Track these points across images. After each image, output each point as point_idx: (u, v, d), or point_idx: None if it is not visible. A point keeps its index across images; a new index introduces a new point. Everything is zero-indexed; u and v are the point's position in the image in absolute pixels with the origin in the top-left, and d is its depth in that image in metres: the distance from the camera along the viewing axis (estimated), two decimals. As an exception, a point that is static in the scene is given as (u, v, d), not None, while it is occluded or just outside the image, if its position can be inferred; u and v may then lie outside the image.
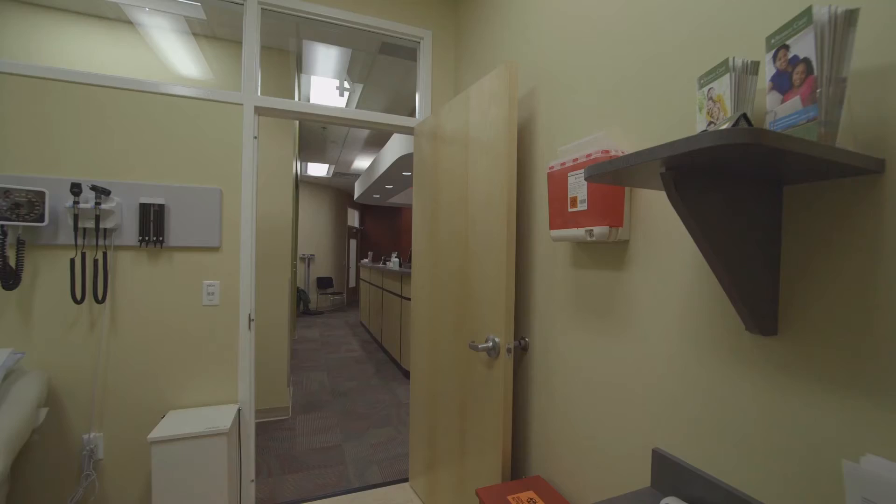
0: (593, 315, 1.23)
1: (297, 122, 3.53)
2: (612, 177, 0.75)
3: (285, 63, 3.15)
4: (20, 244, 1.67)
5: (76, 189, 1.68)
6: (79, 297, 1.77)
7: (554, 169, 1.25)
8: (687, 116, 0.95)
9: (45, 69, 1.75)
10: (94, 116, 1.81)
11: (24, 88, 1.73)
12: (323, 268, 9.56)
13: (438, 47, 2.39)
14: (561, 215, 1.23)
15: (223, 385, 1.99)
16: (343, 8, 2.18)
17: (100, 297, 1.79)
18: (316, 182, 9.38)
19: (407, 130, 2.34)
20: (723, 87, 0.74)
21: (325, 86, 3.93)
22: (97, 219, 1.75)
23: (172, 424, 1.73)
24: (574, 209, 1.17)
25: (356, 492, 2.25)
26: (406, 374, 4.35)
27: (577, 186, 1.15)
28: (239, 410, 1.96)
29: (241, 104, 2.00)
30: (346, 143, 6.43)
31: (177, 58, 2.73)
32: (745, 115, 0.62)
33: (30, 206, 1.62)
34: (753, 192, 0.72)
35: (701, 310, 0.91)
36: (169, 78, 2.67)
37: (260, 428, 3.06)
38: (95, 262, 1.79)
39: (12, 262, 1.67)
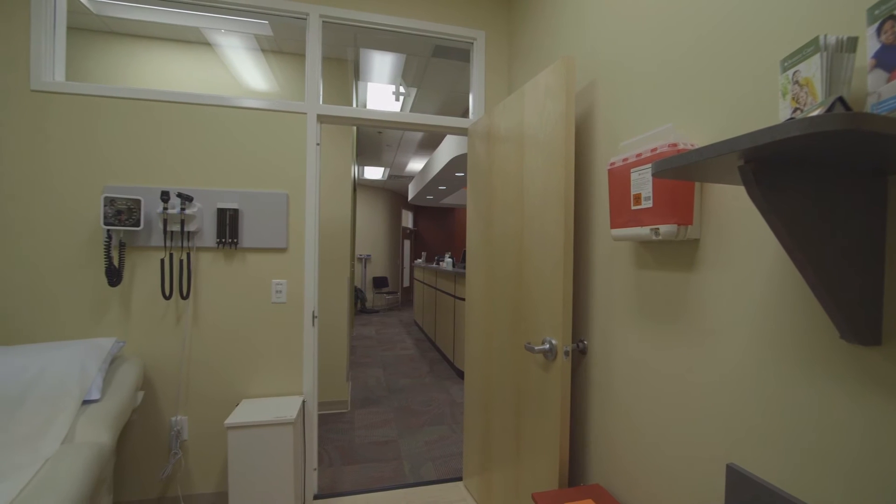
0: (659, 319, 1.16)
1: (354, 127, 3.68)
2: (682, 172, 0.70)
3: (343, 72, 3.29)
4: (121, 246, 1.89)
5: (165, 196, 1.87)
6: (167, 293, 1.97)
7: (615, 165, 1.20)
8: (764, 104, 0.87)
9: (137, 91, 1.96)
10: (178, 130, 2.01)
11: (122, 110, 1.95)
12: (378, 268, 9.87)
13: (492, 47, 2.38)
14: (623, 213, 1.18)
15: (289, 378, 2.12)
16: (398, 15, 2.24)
17: (184, 293, 1.98)
18: (371, 185, 9.71)
19: (460, 131, 2.35)
20: (812, 68, 0.67)
21: (381, 91, 4.06)
22: (182, 223, 1.94)
23: (245, 412, 1.87)
24: (637, 207, 1.11)
25: (411, 487, 2.30)
26: (459, 374, 4.38)
27: (641, 183, 1.09)
28: (303, 402, 2.08)
29: (305, 113, 2.13)
30: (400, 146, 6.59)
31: (248, 73, 2.96)
32: (841, 99, 0.56)
33: (129, 212, 1.82)
34: (849, 183, 0.64)
35: (785, 315, 0.83)
36: (241, 92, 2.90)
37: (321, 419, 3.22)
38: (181, 262, 1.98)
39: (116, 262, 1.89)
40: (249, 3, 2.07)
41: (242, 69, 2.94)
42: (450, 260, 5.72)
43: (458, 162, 5.45)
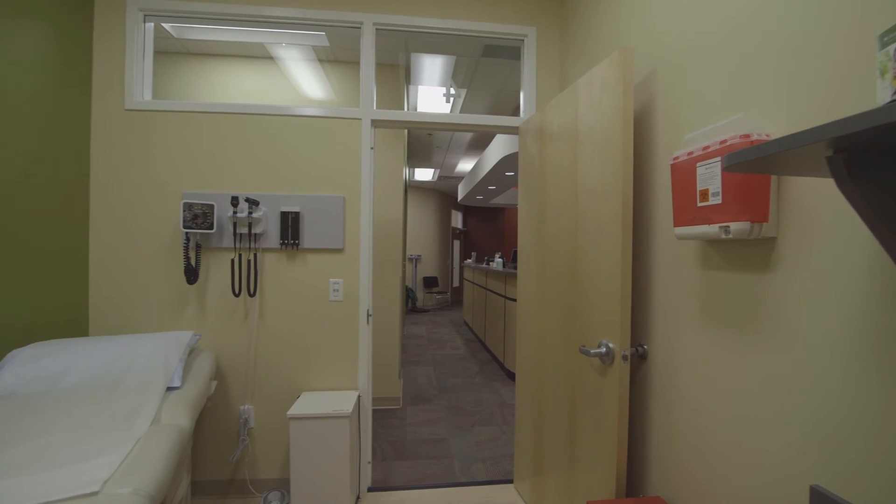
0: (729, 324, 1.08)
1: (405, 130, 3.76)
2: (759, 165, 0.65)
3: (395, 76, 3.38)
4: (198, 247, 2.07)
5: (235, 201, 2.02)
6: (237, 291, 2.13)
7: (679, 160, 1.13)
8: (856, 86, 0.78)
9: (209, 105, 2.14)
10: (245, 139, 2.16)
11: (197, 122, 2.14)
12: (429, 268, 10.01)
13: (543, 43, 2.34)
14: (688, 211, 1.11)
15: (345, 373, 2.21)
16: (448, 17, 2.26)
17: (252, 291, 2.13)
18: (421, 186, 9.87)
19: (511, 130, 2.33)
20: (918, 43, 0.59)
21: (431, 94, 4.11)
22: (250, 226, 2.09)
23: (306, 404, 1.98)
24: (704, 203, 1.04)
25: (462, 486, 2.31)
26: (509, 375, 4.33)
27: (709, 178, 1.02)
28: (359, 397, 2.16)
29: (360, 119, 2.21)
30: (450, 148, 6.65)
31: (306, 83, 3.12)
32: (955, 77, 0.49)
33: (204, 216, 1.99)
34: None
35: (883, 323, 0.74)
36: (301, 101, 3.06)
37: (374, 415, 3.33)
38: (248, 262, 2.13)
39: (193, 262, 2.07)
40: (308, 17, 2.19)
41: (302, 79, 3.10)
42: (500, 260, 5.67)
43: (509, 161, 5.40)
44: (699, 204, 1.06)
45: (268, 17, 2.17)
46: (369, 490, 2.24)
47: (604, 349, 1.41)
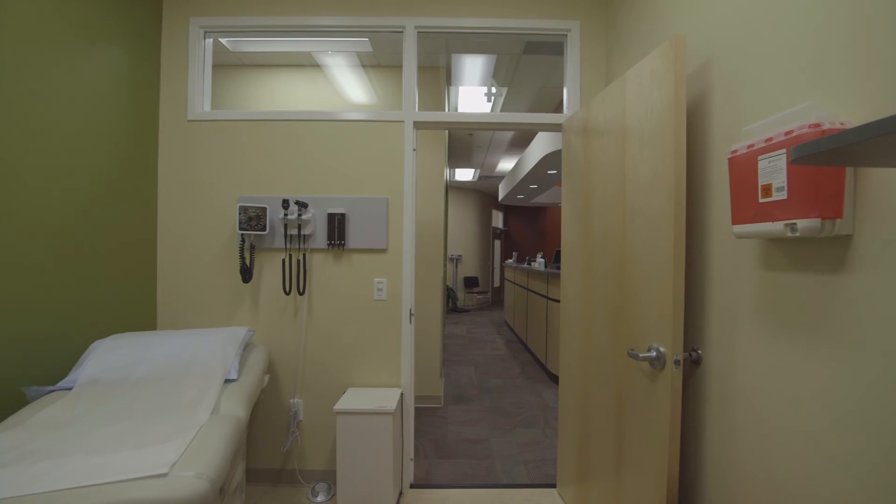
0: (798, 328, 1.00)
1: (446, 131, 3.78)
2: (833, 156, 0.59)
3: (436, 78, 3.41)
4: (252, 248, 2.19)
5: (285, 204, 2.12)
6: (287, 289, 2.23)
7: (738, 153, 1.06)
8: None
9: (260, 113, 2.26)
10: (294, 144, 2.26)
11: (250, 130, 2.26)
12: (469, 268, 10.02)
13: (587, 37, 2.27)
14: (748, 207, 1.04)
15: (389, 370, 2.26)
16: (490, 16, 2.25)
17: (301, 290, 2.23)
18: (462, 186, 9.89)
19: (554, 127, 2.28)
20: None
21: (471, 94, 4.11)
22: (299, 227, 2.18)
23: (351, 400, 2.04)
24: (767, 199, 0.97)
25: (504, 488, 2.29)
26: (552, 377, 4.24)
27: (772, 171, 0.95)
28: (402, 395, 2.20)
29: (403, 121, 2.25)
30: (490, 147, 6.61)
31: (350, 88, 3.22)
32: None
33: (258, 219, 2.11)
34: None
35: None
36: (345, 106, 3.17)
37: (416, 413, 3.37)
38: (298, 261, 2.23)
39: (248, 262, 2.20)
40: (353, 24, 2.26)
41: (346, 85, 3.21)
42: (542, 260, 5.57)
43: (551, 159, 5.29)
44: (761, 200, 0.99)
45: (316, 26, 2.27)
46: (412, 486, 2.27)
47: (654, 353, 1.35)
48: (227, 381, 1.71)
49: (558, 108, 4.31)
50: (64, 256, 1.71)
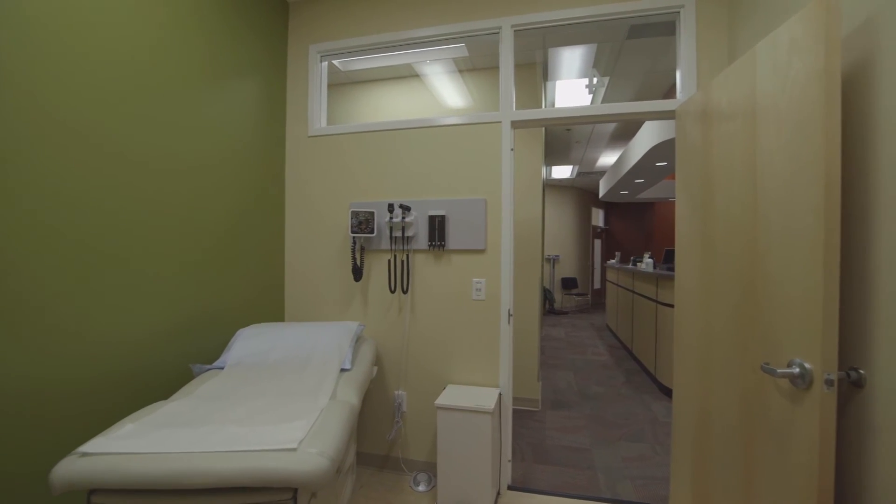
0: None
1: (543, 129, 3.69)
2: None
3: (532, 75, 3.34)
4: (362, 250, 2.38)
5: (390, 208, 2.26)
6: (392, 288, 2.38)
7: (918, 129, 0.86)
8: None
9: (367, 125, 2.45)
10: (397, 151, 2.41)
11: (359, 141, 2.47)
12: (567, 268, 9.62)
13: (703, 11, 2.03)
14: (935, 195, 0.83)
15: (487, 370, 2.28)
16: (588, 4, 2.14)
17: (405, 288, 2.36)
18: (559, 184, 9.54)
19: (666, 115, 2.08)
20: None
21: (568, 88, 3.95)
22: (403, 229, 2.32)
23: (451, 396, 2.10)
24: (966, 184, 0.77)
25: (608, 502, 2.15)
26: (662, 389, 3.87)
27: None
28: (500, 395, 2.20)
29: (500, 122, 2.25)
30: (590, 141, 6.28)
31: (448, 93, 3.32)
32: None
33: (366, 222, 2.29)
34: None
35: None
36: (444, 111, 3.28)
37: (513, 415, 3.33)
38: (402, 262, 2.37)
39: (358, 262, 2.40)
40: (451, 31, 2.33)
41: (444, 91, 3.32)
42: (650, 260, 5.11)
43: (660, 150, 4.84)
44: (956, 185, 0.79)
45: (416, 38, 2.39)
46: (509, 488, 2.26)
47: (797, 369, 1.16)
48: (343, 370, 1.89)
49: (668, 93, 3.92)
50: (218, 257, 2.05)
